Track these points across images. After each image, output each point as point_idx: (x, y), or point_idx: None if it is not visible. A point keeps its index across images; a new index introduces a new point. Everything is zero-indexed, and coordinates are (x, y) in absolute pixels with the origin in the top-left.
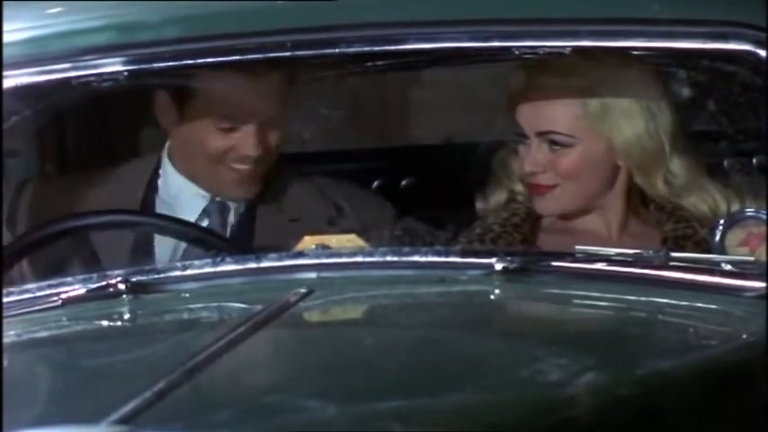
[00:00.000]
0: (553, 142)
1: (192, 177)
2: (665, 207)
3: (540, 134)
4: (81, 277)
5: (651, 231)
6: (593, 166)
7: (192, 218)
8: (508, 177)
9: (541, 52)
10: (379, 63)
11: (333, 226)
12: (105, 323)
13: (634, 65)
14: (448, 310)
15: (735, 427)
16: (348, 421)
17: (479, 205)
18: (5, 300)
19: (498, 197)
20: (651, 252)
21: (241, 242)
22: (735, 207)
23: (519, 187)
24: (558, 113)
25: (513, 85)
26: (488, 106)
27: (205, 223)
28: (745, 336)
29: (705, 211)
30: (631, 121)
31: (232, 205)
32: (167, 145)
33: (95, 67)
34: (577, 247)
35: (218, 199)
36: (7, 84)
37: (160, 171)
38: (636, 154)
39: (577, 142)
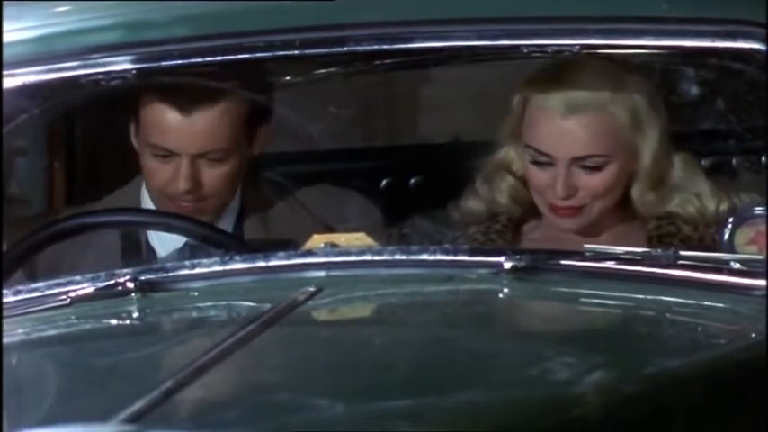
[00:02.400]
0: (587, 166)
1: (157, 208)
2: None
3: (577, 159)
4: (89, 276)
5: (635, 232)
6: (622, 180)
7: (172, 245)
8: (492, 192)
9: (550, 51)
10: (388, 62)
11: None
12: (114, 322)
13: (636, 68)
14: (456, 308)
15: (743, 426)
16: (356, 420)
17: (455, 215)
18: (13, 298)
19: (474, 209)
20: (659, 251)
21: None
22: (723, 207)
23: (506, 201)
24: (595, 136)
25: (528, 102)
26: (497, 105)
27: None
28: (753, 334)
29: (692, 212)
30: (654, 128)
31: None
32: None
33: (103, 65)
34: (586, 245)
35: None
36: (15, 82)
37: (141, 198)
38: (657, 162)
39: (612, 161)
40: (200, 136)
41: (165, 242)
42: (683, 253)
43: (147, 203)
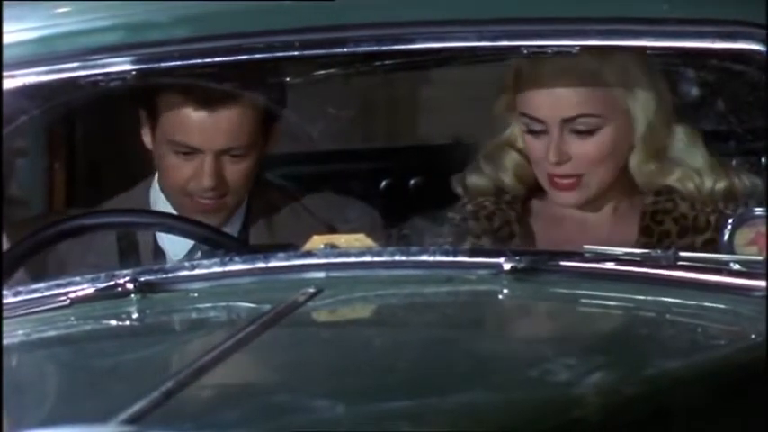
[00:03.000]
0: (579, 129)
1: (174, 207)
2: None
3: (567, 120)
4: (89, 277)
5: (634, 208)
6: (618, 149)
7: (183, 249)
8: (498, 170)
9: (550, 52)
10: (388, 63)
11: None
12: (113, 322)
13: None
14: (456, 309)
15: (743, 427)
16: (356, 421)
17: (458, 189)
18: (14, 299)
19: (479, 184)
20: (660, 251)
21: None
22: (721, 185)
23: (510, 180)
24: (584, 95)
25: (513, 71)
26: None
27: (197, 255)
28: (753, 335)
29: (691, 188)
30: (649, 94)
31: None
32: (157, 174)
33: (104, 66)
34: (585, 246)
35: None
36: (16, 83)
37: (151, 198)
38: (653, 130)
39: (605, 123)
40: (224, 132)
41: (175, 245)
42: (682, 254)
43: (157, 206)
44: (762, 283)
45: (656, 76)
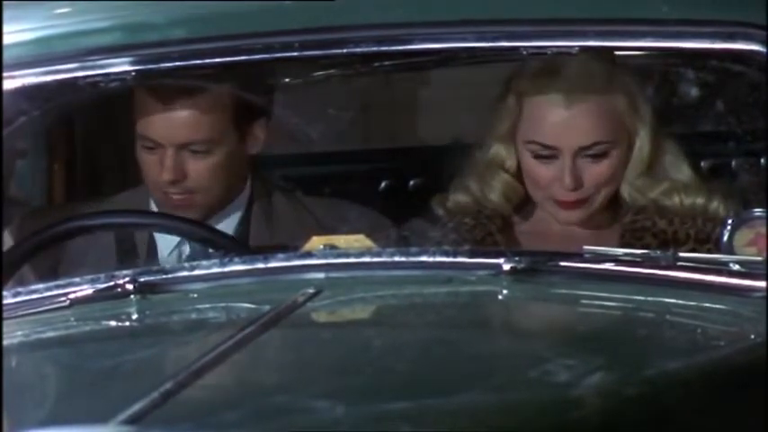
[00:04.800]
0: (592, 154)
1: (155, 204)
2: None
3: (583, 149)
4: (89, 277)
5: (613, 225)
6: (623, 168)
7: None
8: (483, 189)
9: (549, 52)
10: (387, 63)
11: None
12: (113, 323)
13: (620, 63)
14: (456, 310)
15: (743, 427)
16: (356, 422)
17: (439, 211)
18: (13, 300)
19: (462, 202)
20: (659, 252)
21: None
22: (700, 201)
23: (497, 198)
24: (597, 122)
25: (523, 97)
26: None
27: (186, 250)
28: (753, 336)
29: (675, 203)
30: (647, 110)
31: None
32: None
33: (102, 67)
34: (585, 247)
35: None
36: (15, 84)
37: (150, 201)
38: (651, 146)
39: (615, 146)
40: (184, 126)
41: (166, 240)
42: (682, 254)
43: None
44: (761, 284)
45: (647, 96)
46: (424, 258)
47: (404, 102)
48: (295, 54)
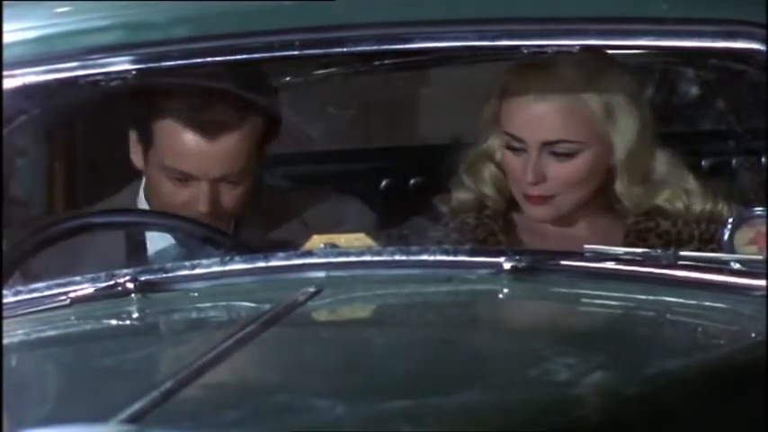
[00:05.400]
0: (558, 152)
1: None
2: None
3: (548, 143)
4: (89, 276)
5: (616, 226)
6: (594, 172)
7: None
8: (478, 182)
9: (550, 51)
10: (387, 62)
11: None
12: (113, 322)
13: (618, 64)
14: (456, 309)
15: (743, 427)
16: (356, 420)
17: (444, 208)
18: (13, 299)
19: (465, 198)
20: (660, 251)
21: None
22: (708, 207)
23: (490, 191)
24: (566, 120)
25: (499, 89)
26: None
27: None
28: (753, 335)
29: (679, 208)
30: (630, 120)
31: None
32: (143, 184)
33: (103, 66)
34: (586, 246)
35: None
36: (15, 83)
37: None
38: (633, 155)
39: (584, 148)
40: (221, 161)
41: (155, 240)
42: (683, 253)
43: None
44: (762, 283)
45: (640, 102)
46: (424, 257)
47: (404, 101)
48: (295, 53)
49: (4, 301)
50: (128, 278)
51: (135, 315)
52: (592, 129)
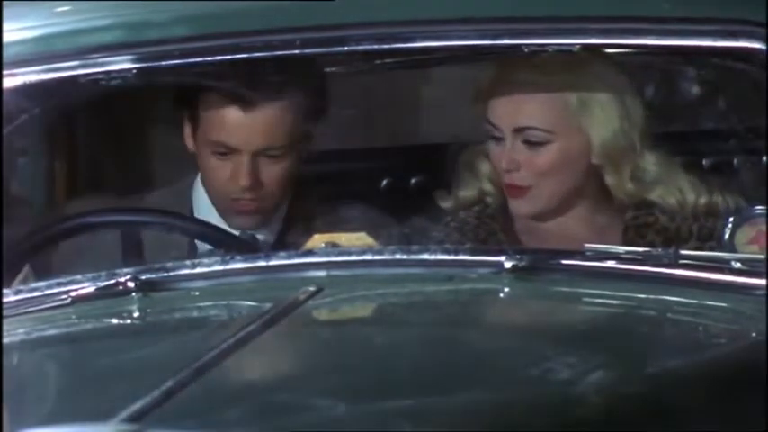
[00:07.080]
0: (530, 140)
1: (216, 209)
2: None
3: (518, 130)
4: (90, 275)
5: (615, 222)
6: (570, 165)
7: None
8: (476, 177)
9: (550, 50)
10: (389, 61)
11: None
12: (114, 321)
13: (606, 60)
14: (457, 308)
15: (743, 427)
16: (357, 419)
17: (445, 204)
18: (14, 298)
19: (466, 195)
20: (660, 250)
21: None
22: (702, 201)
23: (488, 187)
24: (537, 108)
25: (486, 78)
26: None
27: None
28: (754, 333)
29: (673, 204)
30: (609, 116)
31: (259, 236)
32: (200, 175)
33: (103, 65)
34: (586, 245)
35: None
36: (16, 82)
37: (193, 197)
38: (611, 151)
39: (555, 139)
40: (262, 132)
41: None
42: (683, 252)
43: (199, 203)
44: (762, 282)
45: (627, 100)
46: (425, 256)
47: (405, 100)
48: (296, 52)
49: (5, 300)
50: (129, 277)
51: (136, 314)
52: (564, 119)
